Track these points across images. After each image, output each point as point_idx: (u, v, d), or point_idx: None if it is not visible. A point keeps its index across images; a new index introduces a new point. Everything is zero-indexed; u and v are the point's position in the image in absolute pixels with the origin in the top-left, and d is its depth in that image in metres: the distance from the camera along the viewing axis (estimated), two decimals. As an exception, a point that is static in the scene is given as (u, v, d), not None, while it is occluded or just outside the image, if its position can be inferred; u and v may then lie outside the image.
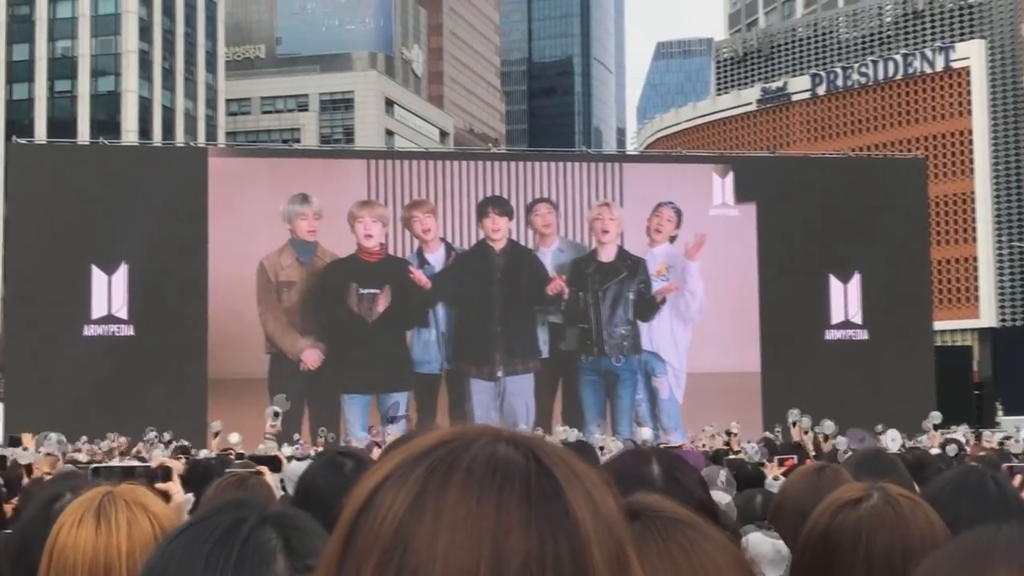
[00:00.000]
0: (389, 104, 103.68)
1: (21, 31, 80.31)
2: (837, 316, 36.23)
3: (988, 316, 71.12)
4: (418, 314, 34.13)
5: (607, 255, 35.14)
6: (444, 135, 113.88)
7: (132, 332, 32.86)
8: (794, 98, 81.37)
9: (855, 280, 36.24)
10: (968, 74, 74.69)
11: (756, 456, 12.77)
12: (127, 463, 7.30)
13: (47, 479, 7.97)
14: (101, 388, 31.08)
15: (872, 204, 35.90)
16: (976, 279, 73.29)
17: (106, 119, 77.38)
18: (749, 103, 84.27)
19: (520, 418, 32.37)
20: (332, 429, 30.89)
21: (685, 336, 35.22)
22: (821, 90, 79.87)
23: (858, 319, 36.24)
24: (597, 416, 33.92)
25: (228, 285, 33.20)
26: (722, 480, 5.85)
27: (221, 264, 33.30)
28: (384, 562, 1.00)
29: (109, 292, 32.92)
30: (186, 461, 9.12)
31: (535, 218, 35.08)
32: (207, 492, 4.09)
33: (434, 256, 34.44)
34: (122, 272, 32.95)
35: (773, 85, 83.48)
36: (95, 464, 6.06)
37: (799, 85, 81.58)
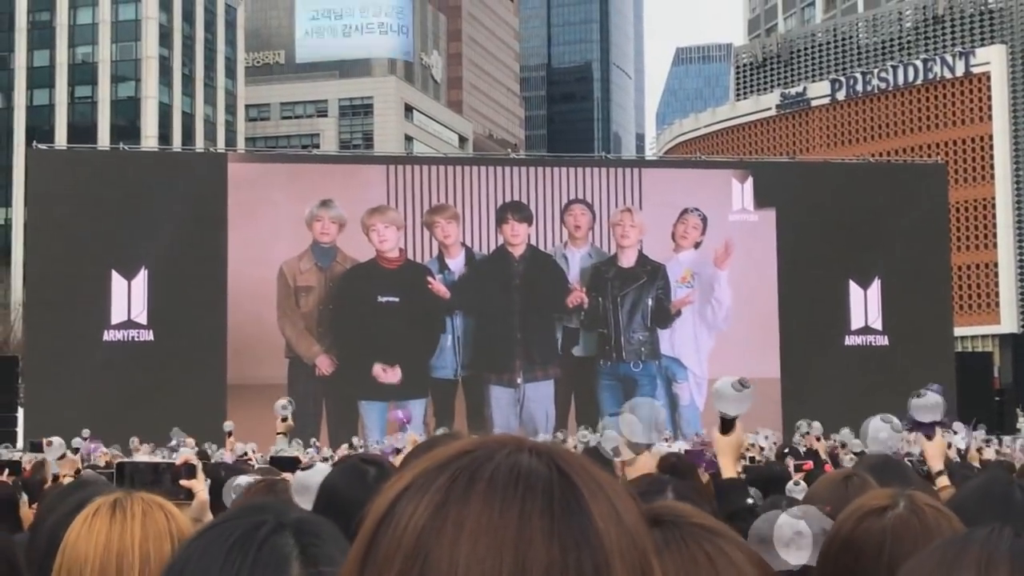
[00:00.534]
0: (408, 110, 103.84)
1: (42, 37, 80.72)
2: (857, 322, 36.12)
3: (1009, 322, 70.82)
4: (436, 320, 34.15)
5: (627, 260, 35.12)
6: (463, 140, 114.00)
7: (152, 337, 32.95)
8: (814, 103, 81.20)
9: (875, 286, 36.12)
10: (988, 79, 74.44)
11: (769, 446, 12.74)
12: (153, 459, 7.31)
13: (66, 483, 7.98)
14: (121, 393, 31.15)
15: (892, 209, 35.78)
16: (997, 285, 73.01)
17: (126, 125, 77.69)
18: (768, 108, 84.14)
19: (540, 425, 32.35)
20: (350, 435, 30.93)
21: (708, 343, 35.17)
22: (841, 95, 79.70)
23: (878, 325, 36.12)
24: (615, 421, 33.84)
25: (247, 290, 33.27)
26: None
27: (240, 269, 33.37)
28: (405, 571, 1.00)
29: (129, 297, 33.01)
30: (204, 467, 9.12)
31: (568, 218, 35.11)
32: (237, 498, 4.12)
33: (455, 262, 34.45)
34: (142, 277, 33.04)
35: (793, 90, 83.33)
36: (120, 460, 6.05)
37: (819, 90, 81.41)
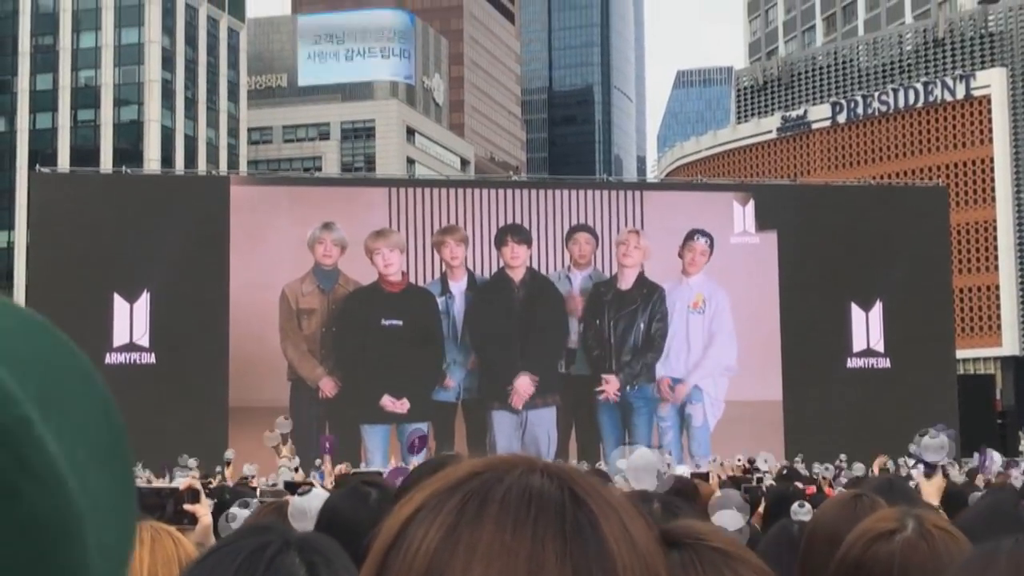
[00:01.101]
0: (410, 132, 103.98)
1: (45, 61, 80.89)
2: (859, 344, 36.09)
3: (1011, 344, 70.69)
4: (438, 344, 34.15)
5: (626, 282, 35.12)
6: (465, 163, 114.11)
7: (154, 360, 32.94)
8: (814, 126, 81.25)
9: (877, 308, 36.10)
10: (989, 102, 74.47)
11: (767, 468, 12.74)
12: (155, 485, 7.28)
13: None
14: (123, 416, 31.04)
15: (893, 232, 35.79)
16: (998, 307, 72.89)
17: (129, 148, 77.76)
18: (769, 131, 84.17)
19: (543, 448, 32.30)
20: (353, 458, 30.88)
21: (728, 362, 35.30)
22: (841, 118, 79.74)
23: (880, 347, 36.09)
24: (615, 445, 33.95)
25: (249, 313, 33.27)
26: (737, 504, 5.77)
27: (243, 292, 33.37)
28: (417, 594, 0.99)
29: (131, 320, 33.02)
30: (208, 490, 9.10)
31: (572, 246, 35.12)
32: (247, 518, 4.12)
33: (457, 285, 34.46)
34: (144, 300, 33.05)
35: (793, 113, 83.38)
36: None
37: (819, 113, 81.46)
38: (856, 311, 36.05)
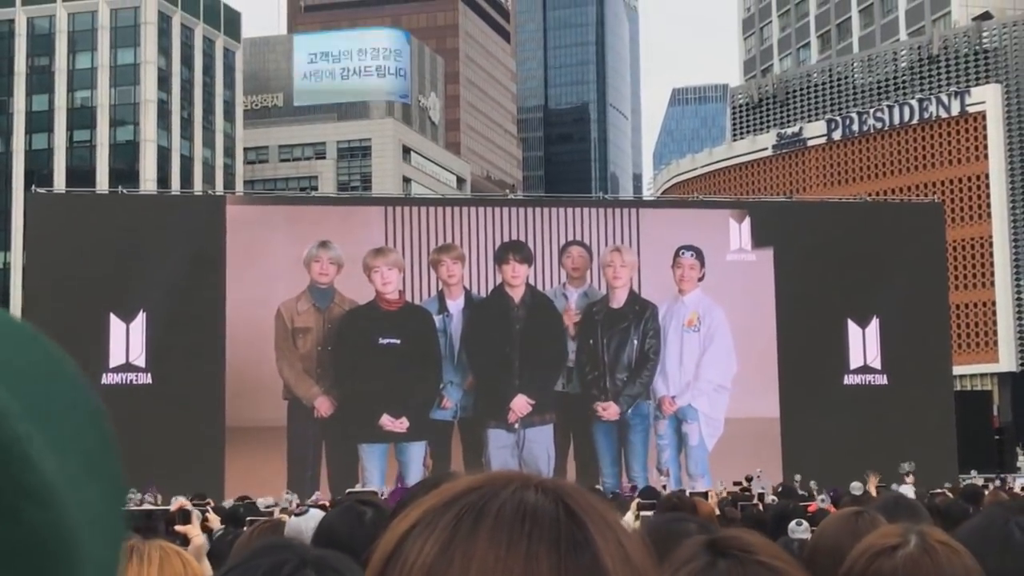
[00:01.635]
0: (406, 151, 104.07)
1: (41, 81, 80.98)
2: (856, 361, 36.08)
3: (1007, 360, 70.72)
4: (435, 363, 34.11)
5: (617, 301, 35.11)
6: (461, 182, 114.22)
7: (150, 380, 32.88)
8: (810, 143, 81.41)
9: (873, 325, 36.11)
10: (984, 118, 74.66)
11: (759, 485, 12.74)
12: (146, 507, 7.28)
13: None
14: (119, 437, 30.88)
15: (890, 249, 35.83)
16: (995, 323, 72.94)
17: (125, 168, 77.80)
18: (765, 148, 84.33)
19: (543, 466, 32.24)
20: (350, 477, 30.85)
21: (721, 380, 35.24)
22: (837, 135, 79.92)
23: (877, 364, 36.09)
24: (612, 463, 34.00)
25: (246, 333, 33.23)
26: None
27: (239, 312, 33.34)
28: (413, 608, 0.99)
29: (127, 340, 32.98)
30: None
31: (566, 260, 35.11)
32: (240, 537, 4.10)
33: (454, 303, 34.42)
34: (140, 320, 33.02)
35: (789, 130, 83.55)
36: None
37: (815, 130, 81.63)
38: (853, 328, 36.06)
